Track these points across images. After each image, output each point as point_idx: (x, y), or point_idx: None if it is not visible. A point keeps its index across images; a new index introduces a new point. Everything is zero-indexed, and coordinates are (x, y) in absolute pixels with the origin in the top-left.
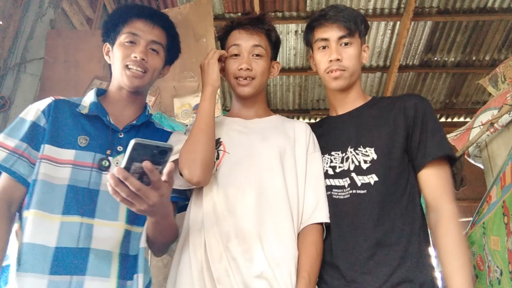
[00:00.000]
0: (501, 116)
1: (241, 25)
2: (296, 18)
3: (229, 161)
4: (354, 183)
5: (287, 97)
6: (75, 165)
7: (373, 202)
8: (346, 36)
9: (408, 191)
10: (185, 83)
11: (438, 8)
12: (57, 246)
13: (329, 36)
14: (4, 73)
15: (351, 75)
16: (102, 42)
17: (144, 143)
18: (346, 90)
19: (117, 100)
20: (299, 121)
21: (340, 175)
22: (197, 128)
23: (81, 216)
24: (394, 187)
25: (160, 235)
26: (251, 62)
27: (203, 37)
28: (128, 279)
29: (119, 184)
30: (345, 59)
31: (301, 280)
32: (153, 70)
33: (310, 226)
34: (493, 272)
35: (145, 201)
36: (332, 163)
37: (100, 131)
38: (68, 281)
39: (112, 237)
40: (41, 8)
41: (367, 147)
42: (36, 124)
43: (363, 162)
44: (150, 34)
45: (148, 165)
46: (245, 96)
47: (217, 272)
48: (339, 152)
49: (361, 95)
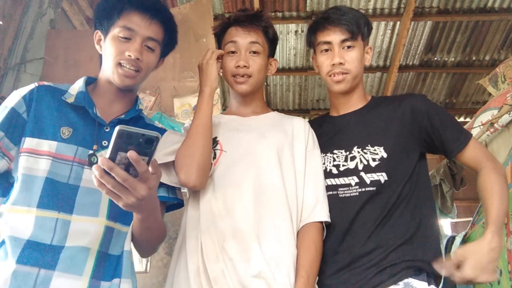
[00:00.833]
0: (501, 116)
1: (238, 21)
2: (296, 18)
3: (226, 160)
4: (363, 181)
5: (287, 97)
6: (55, 158)
7: (382, 199)
8: (349, 40)
9: (417, 190)
10: (185, 83)
11: (438, 8)
12: (29, 239)
13: (332, 39)
14: (4, 73)
15: (354, 78)
16: (94, 28)
17: (129, 130)
18: (349, 92)
19: (106, 92)
20: (298, 117)
21: (345, 173)
22: (194, 131)
23: (57, 212)
24: (403, 185)
25: (147, 233)
26: (248, 59)
27: (203, 37)
28: (104, 280)
29: (105, 175)
30: (348, 63)
31: (300, 279)
32: (147, 69)
33: (310, 225)
34: None
35: (132, 193)
36: (335, 161)
37: (85, 123)
38: (35, 273)
39: (91, 233)
40: (41, 8)
41: (375, 146)
42: (15, 111)
43: (372, 161)
44: (147, 30)
45: (133, 155)
46: (243, 94)
47: (213, 273)
48: (342, 151)
49: (363, 97)
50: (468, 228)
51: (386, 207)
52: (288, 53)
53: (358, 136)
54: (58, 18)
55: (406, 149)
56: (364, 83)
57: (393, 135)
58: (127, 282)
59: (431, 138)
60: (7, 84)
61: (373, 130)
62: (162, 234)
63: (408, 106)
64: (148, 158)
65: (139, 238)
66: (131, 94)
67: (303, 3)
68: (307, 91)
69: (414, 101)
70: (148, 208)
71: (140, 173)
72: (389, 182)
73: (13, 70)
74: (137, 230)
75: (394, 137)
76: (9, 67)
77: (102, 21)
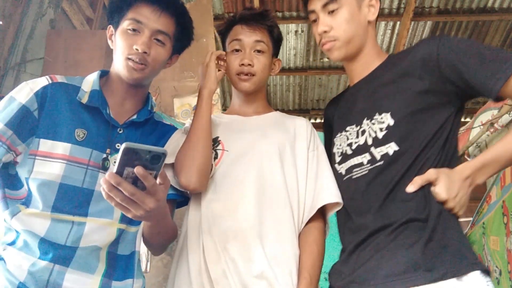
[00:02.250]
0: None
1: (243, 20)
2: (296, 18)
3: (228, 160)
4: (373, 158)
5: (287, 97)
6: (70, 161)
7: (387, 175)
8: (329, 3)
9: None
10: (185, 83)
11: (438, 8)
12: (44, 237)
13: (314, 7)
14: (4, 73)
15: (347, 42)
16: (107, 23)
17: (135, 147)
18: (352, 58)
19: (118, 89)
20: (300, 117)
21: (358, 151)
22: (193, 133)
23: (72, 215)
24: (417, 155)
25: (157, 236)
26: (252, 57)
27: (203, 37)
28: (116, 279)
29: (113, 189)
30: (334, 29)
31: (303, 281)
32: (155, 63)
33: (312, 225)
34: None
35: (141, 206)
36: (348, 140)
37: (99, 124)
38: (51, 268)
39: (104, 235)
40: (41, 8)
41: (383, 113)
42: (26, 108)
43: (379, 131)
44: (156, 23)
45: (140, 171)
46: (246, 92)
47: (215, 274)
48: (353, 126)
49: (375, 57)
50: (468, 228)
51: (394, 181)
52: (288, 53)
53: (367, 105)
54: (58, 18)
55: (423, 110)
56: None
57: (402, 95)
58: (138, 282)
59: (459, 87)
60: (7, 84)
61: (380, 95)
62: (173, 234)
63: (418, 55)
64: (156, 172)
65: (151, 241)
66: (142, 91)
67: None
68: (307, 91)
69: (425, 48)
70: (158, 216)
71: (148, 187)
72: (399, 152)
73: (13, 70)
74: (148, 235)
75: (403, 98)
76: (9, 67)
77: (114, 15)
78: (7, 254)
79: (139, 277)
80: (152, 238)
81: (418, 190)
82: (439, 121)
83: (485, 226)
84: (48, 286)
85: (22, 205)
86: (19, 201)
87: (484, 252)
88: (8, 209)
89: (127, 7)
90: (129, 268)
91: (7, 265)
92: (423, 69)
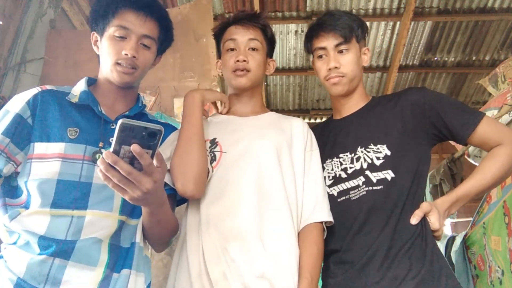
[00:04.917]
0: (501, 116)
1: (237, 21)
2: (296, 18)
3: (226, 161)
4: (369, 180)
5: (287, 97)
6: (65, 158)
7: (389, 197)
8: (342, 44)
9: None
10: (185, 83)
11: (438, 8)
12: (44, 235)
13: (326, 45)
14: (4, 73)
15: (351, 80)
16: (90, 30)
17: (131, 123)
18: (348, 94)
19: (109, 92)
20: (296, 118)
21: (353, 175)
22: (185, 138)
23: (71, 210)
24: (411, 181)
25: (157, 226)
26: (247, 54)
27: (203, 37)
28: (116, 271)
29: (110, 169)
30: (343, 66)
31: (304, 281)
32: (144, 66)
33: (311, 225)
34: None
35: (138, 187)
36: (342, 165)
37: (91, 121)
38: (50, 262)
39: (105, 227)
40: (41, 8)
41: (378, 144)
42: (19, 116)
43: (376, 159)
44: (142, 28)
45: (136, 148)
46: (242, 88)
47: (215, 275)
48: (348, 153)
49: (363, 97)
50: (468, 228)
51: (397, 204)
52: (288, 53)
53: (361, 136)
54: (58, 18)
55: (411, 145)
56: (364, 83)
57: (395, 132)
58: (139, 276)
59: (437, 129)
60: (7, 84)
61: (374, 129)
62: (174, 228)
63: (407, 101)
64: (152, 151)
65: (151, 232)
66: (132, 92)
67: (303, 3)
68: (307, 91)
69: (413, 95)
70: (156, 202)
71: (144, 166)
72: (396, 179)
73: (13, 70)
74: (148, 224)
75: (396, 134)
76: (9, 67)
77: (98, 22)
78: (7, 252)
79: (140, 270)
80: (152, 228)
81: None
82: (419, 155)
83: (486, 226)
84: (47, 281)
85: (22, 208)
86: (18, 206)
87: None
88: (8, 213)
89: (112, 14)
90: (128, 259)
91: (7, 263)
92: (412, 112)
